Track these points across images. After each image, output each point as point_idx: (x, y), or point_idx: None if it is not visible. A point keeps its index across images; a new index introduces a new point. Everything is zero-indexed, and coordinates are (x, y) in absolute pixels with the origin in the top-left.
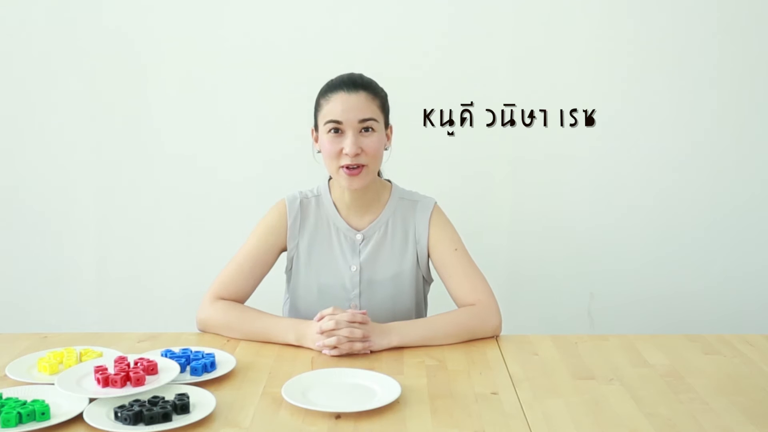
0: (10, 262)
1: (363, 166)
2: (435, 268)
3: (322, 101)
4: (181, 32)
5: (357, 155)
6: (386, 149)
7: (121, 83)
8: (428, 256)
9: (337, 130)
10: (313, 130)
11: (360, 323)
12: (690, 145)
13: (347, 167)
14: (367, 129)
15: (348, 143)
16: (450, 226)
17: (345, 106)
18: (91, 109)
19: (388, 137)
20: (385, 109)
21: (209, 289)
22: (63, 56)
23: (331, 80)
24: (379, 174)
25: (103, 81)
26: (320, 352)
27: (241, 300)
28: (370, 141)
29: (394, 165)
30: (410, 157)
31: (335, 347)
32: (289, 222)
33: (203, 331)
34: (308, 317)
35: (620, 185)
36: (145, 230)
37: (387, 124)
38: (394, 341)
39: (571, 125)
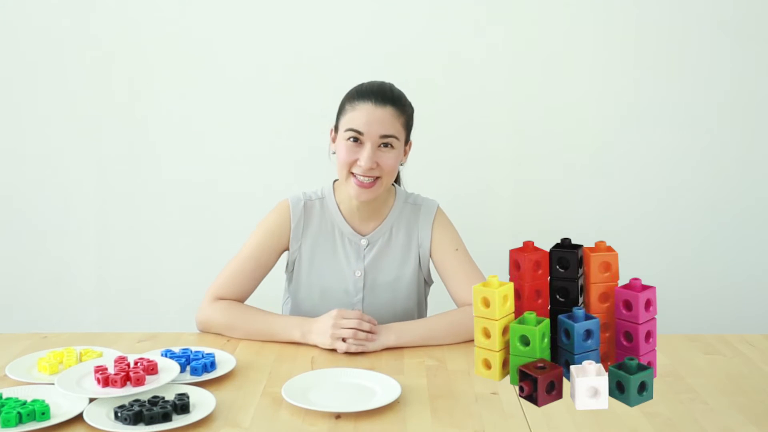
0: (11, 262)
1: (376, 179)
2: (436, 268)
3: (348, 106)
4: (181, 36)
5: (371, 169)
6: (402, 165)
7: (122, 84)
8: (429, 258)
9: (356, 140)
10: (332, 130)
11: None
12: (691, 147)
13: (359, 180)
14: (386, 144)
15: (365, 156)
16: (451, 227)
17: (369, 118)
18: (91, 111)
19: (406, 153)
20: (408, 125)
21: (209, 289)
22: (63, 60)
23: (362, 85)
24: (396, 180)
25: (103, 83)
26: (321, 351)
27: (241, 300)
28: (387, 157)
29: None
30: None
31: (344, 340)
32: (293, 224)
33: (203, 331)
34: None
35: (621, 186)
36: (145, 230)
37: (407, 140)
38: (392, 340)
39: (572, 126)
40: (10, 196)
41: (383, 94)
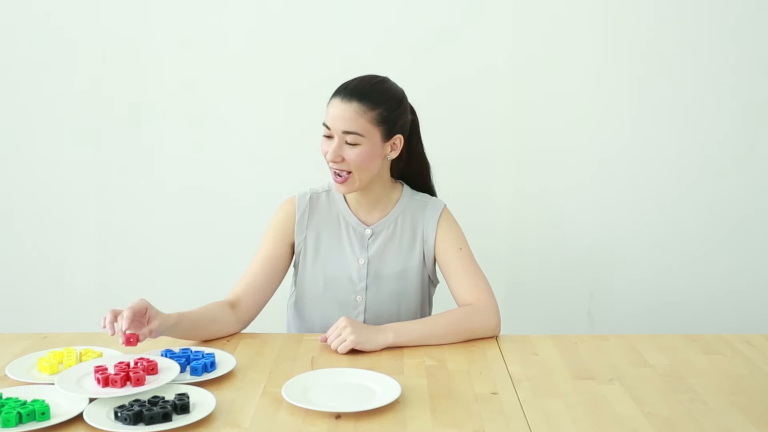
0: (11, 262)
1: (348, 173)
2: (439, 266)
3: (329, 101)
4: (182, 33)
5: (337, 162)
6: (388, 158)
7: (122, 83)
8: (434, 255)
9: (329, 135)
10: None
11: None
12: (692, 151)
13: (333, 173)
14: (351, 140)
15: (330, 150)
16: (457, 227)
17: (334, 113)
18: (91, 110)
19: (394, 147)
20: (384, 121)
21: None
22: (63, 56)
23: (344, 81)
24: (394, 175)
25: (103, 80)
26: (321, 351)
27: (264, 296)
28: (352, 153)
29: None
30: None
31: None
32: (297, 216)
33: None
34: (313, 309)
35: (620, 186)
36: (145, 230)
37: (389, 136)
38: (390, 339)
39: (571, 125)
40: (10, 196)
41: (352, 90)
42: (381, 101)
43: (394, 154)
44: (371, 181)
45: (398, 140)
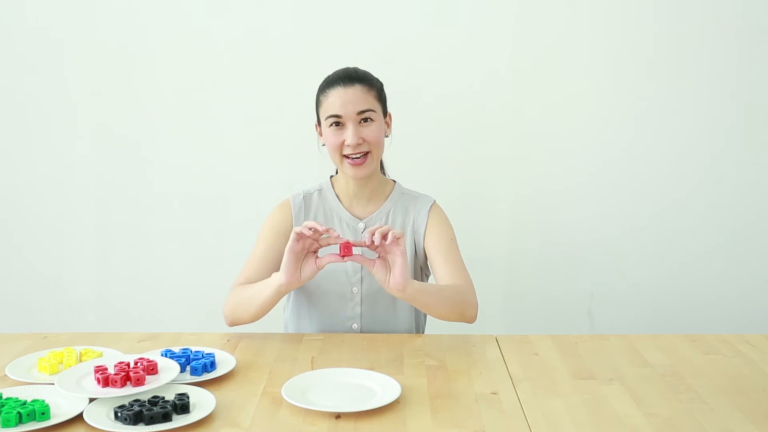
0: (10, 262)
1: (366, 154)
2: (426, 252)
3: (322, 98)
4: (180, 38)
5: (358, 145)
6: (387, 136)
7: (121, 80)
8: (424, 244)
9: (338, 123)
10: (316, 125)
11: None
12: (689, 147)
13: (351, 158)
14: (366, 119)
15: (349, 134)
16: (447, 221)
17: (343, 99)
18: (89, 108)
19: (388, 125)
20: (381, 98)
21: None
22: (62, 53)
23: (328, 76)
24: (383, 171)
25: (102, 78)
26: (321, 351)
27: None
28: (369, 130)
29: (392, 165)
30: (408, 157)
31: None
32: (294, 215)
33: (232, 325)
34: (310, 302)
35: (620, 186)
36: (145, 230)
37: (385, 113)
38: (409, 289)
39: (571, 126)
40: (9, 196)
41: (349, 76)
42: (374, 81)
43: (390, 132)
44: (377, 164)
45: (389, 118)
